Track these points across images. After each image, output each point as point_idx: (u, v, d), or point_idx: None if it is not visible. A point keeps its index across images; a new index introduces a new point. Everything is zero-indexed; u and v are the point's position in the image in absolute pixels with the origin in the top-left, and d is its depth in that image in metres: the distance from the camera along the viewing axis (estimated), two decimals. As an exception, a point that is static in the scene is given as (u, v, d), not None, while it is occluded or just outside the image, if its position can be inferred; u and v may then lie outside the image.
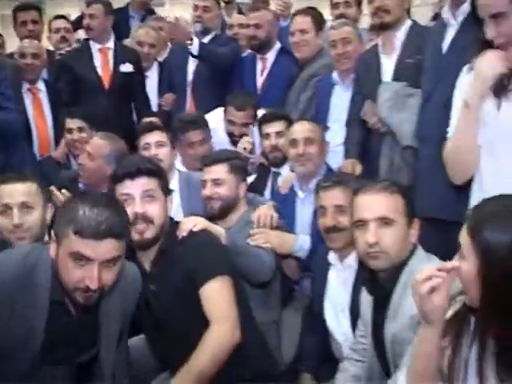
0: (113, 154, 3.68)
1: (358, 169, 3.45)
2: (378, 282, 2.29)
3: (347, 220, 2.59)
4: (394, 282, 2.22)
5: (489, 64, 2.22)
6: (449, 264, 1.69)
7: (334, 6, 4.61)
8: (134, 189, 2.46)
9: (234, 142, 4.11)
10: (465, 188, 2.38)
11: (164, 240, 2.51)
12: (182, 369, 2.26)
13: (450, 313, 1.75)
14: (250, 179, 3.67)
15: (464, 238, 1.65)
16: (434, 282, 1.68)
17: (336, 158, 3.71)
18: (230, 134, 4.16)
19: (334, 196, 2.78)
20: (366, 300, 2.39)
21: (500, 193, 1.72)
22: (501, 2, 2.18)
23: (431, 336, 1.72)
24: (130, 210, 2.33)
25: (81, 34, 5.53)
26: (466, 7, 2.80)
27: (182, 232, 2.54)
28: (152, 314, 2.50)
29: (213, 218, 3.00)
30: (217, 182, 3.13)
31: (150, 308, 2.48)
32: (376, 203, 2.26)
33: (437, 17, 3.84)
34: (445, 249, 2.23)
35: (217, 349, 2.30)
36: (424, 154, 2.99)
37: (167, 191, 2.57)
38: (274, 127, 3.73)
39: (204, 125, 3.98)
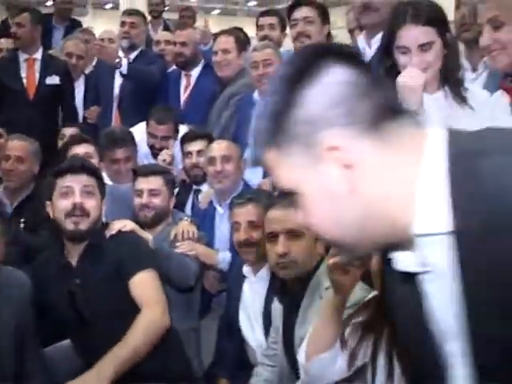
0: (36, 153, 3.87)
1: None
2: (288, 291, 2.45)
3: (260, 235, 2.75)
4: (303, 290, 2.37)
5: (412, 74, 2.32)
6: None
7: (259, 27, 4.74)
8: (75, 182, 2.60)
9: (155, 155, 4.21)
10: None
11: (93, 236, 2.64)
12: (115, 347, 2.35)
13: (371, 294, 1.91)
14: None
15: None
16: (339, 259, 1.82)
17: (257, 174, 3.84)
18: (151, 147, 4.27)
19: (247, 212, 2.92)
20: (277, 309, 2.55)
21: None
22: (428, 33, 2.34)
23: (334, 304, 1.87)
24: (68, 202, 2.56)
25: (3, 42, 5.52)
26: (380, 37, 2.92)
27: (112, 231, 2.68)
28: (77, 310, 2.59)
29: (142, 226, 3.12)
30: (153, 193, 3.31)
31: (75, 303, 2.58)
32: (285, 217, 2.41)
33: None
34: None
35: (150, 328, 2.43)
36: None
37: (103, 194, 2.71)
38: (195, 146, 3.85)
39: (130, 142, 4.06)
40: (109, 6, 27.66)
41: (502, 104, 2.36)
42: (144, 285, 2.55)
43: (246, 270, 2.94)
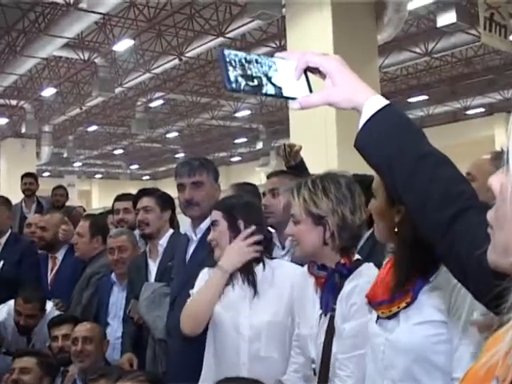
0: None
1: (135, 362, 3.85)
2: None
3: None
4: None
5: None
6: None
7: (115, 211, 5.00)
8: None
9: (21, 332, 4.56)
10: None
11: None
12: None
13: None
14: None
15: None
16: None
17: (117, 351, 4.16)
18: (17, 324, 4.58)
19: None
20: None
21: None
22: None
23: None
24: None
25: None
26: (204, 225, 3.31)
27: None
28: None
29: None
30: (23, 371, 3.72)
31: None
32: None
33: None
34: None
35: None
36: (173, 346, 3.39)
37: None
38: (61, 330, 4.12)
39: None
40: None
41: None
42: None
43: None
